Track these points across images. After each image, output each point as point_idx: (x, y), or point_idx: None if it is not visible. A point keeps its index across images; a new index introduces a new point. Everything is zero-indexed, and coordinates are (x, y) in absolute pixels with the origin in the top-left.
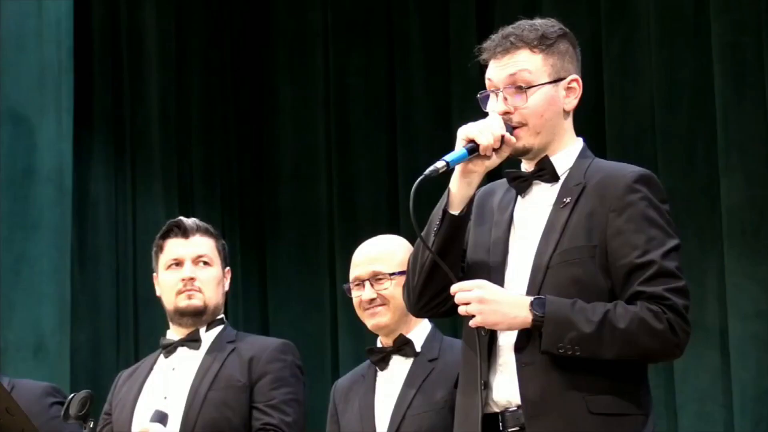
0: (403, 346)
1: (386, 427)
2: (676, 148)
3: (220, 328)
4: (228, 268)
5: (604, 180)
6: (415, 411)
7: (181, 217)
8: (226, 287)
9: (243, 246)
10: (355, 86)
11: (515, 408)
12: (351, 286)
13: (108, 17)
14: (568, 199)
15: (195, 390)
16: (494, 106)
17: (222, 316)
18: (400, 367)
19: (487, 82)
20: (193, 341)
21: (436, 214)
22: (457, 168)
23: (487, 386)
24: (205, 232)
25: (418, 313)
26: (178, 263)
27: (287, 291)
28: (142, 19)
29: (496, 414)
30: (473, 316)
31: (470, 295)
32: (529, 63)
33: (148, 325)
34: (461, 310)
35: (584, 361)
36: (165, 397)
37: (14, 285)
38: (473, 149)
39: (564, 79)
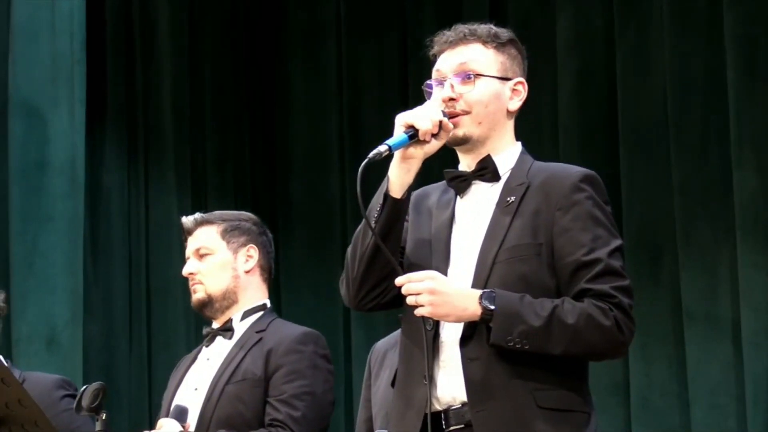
0: None
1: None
2: (689, 140)
3: (257, 316)
4: (250, 245)
5: (549, 179)
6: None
7: (183, 218)
8: (246, 267)
9: None
10: (368, 77)
11: (459, 405)
12: None
13: (120, 9)
14: (513, 198)
15: (215, 383)
16: (439, 93)
17: (264, 302)
18: None
19: (435, 73)
20: (226, 330)
21: (377, 200)
22: (396, 154)
23: (431, 382)
24: (203, 222)
25: (359, 306)
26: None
27: (300, 282)
28: (155, 10)
29: (438, 412)
30: (417, 307)
31: (421, 285)
32: (480, 54)
33: (160, 317)
34: (410, 300)
35: (530, 356)
36: (195, 389)
37: (27, 277)
38: (413, 135)
39: (511, 79)
